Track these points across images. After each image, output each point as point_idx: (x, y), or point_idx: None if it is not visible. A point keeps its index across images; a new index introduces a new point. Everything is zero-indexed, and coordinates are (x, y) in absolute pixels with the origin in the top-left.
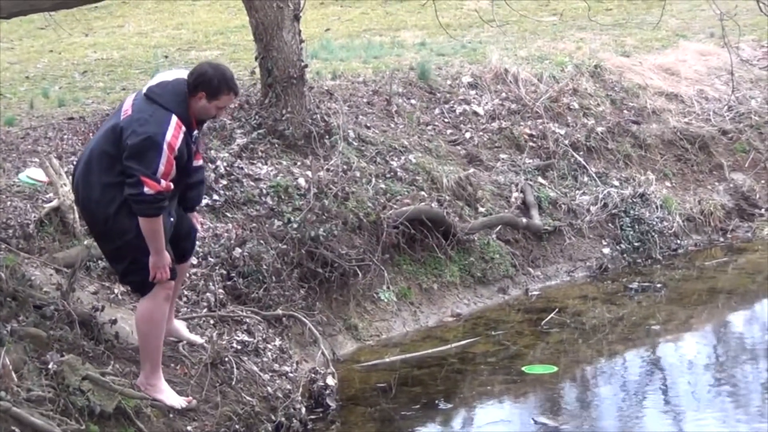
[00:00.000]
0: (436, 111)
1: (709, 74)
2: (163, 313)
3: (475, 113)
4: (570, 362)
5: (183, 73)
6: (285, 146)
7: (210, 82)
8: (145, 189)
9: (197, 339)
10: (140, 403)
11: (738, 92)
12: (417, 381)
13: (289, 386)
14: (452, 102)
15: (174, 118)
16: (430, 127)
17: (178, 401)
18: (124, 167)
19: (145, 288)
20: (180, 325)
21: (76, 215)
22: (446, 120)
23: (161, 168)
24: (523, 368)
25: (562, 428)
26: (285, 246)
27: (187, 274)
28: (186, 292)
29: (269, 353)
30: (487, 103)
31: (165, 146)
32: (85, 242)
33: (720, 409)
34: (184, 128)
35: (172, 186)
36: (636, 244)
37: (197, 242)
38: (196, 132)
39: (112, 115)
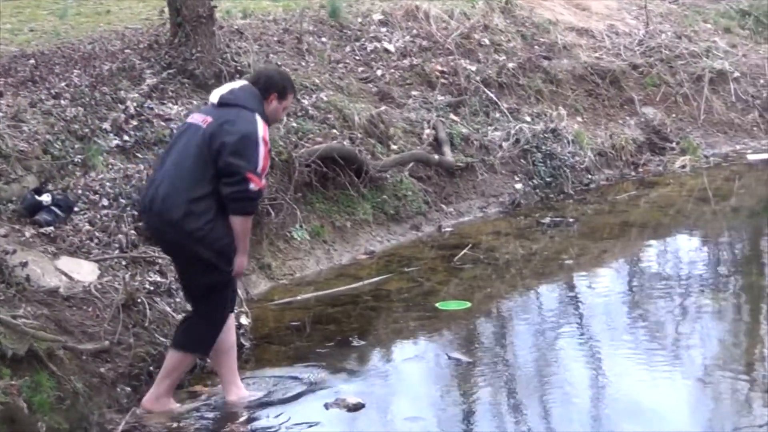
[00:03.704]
0: (347, 49)
1: (620, 9)
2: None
3: (386, 50)
4: (483, 298)
5: (242, 82)
6: (195, 86)
7: (278, 84)
8: (251, 186)
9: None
10: (52, 346)
11: (648, 26)
12: (331, 319)
13: None
14: (363, 40)
15: (258, 117)
16: (341, 65)
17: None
18: (222, 166)
19: (217, 313)
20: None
21: None
22: (357, 58)
23: (261, 163)
24: (436, 304)
25: (476, 363)
26: None
27: (98, 216)
28: (97, 234)
29: (182, 293)
30: (398, 40)
31: (261, 141)
32: None
33: (634, 341)
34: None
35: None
36: (548, 179)
37: (108, 183)
38: None
39: (182, 139)
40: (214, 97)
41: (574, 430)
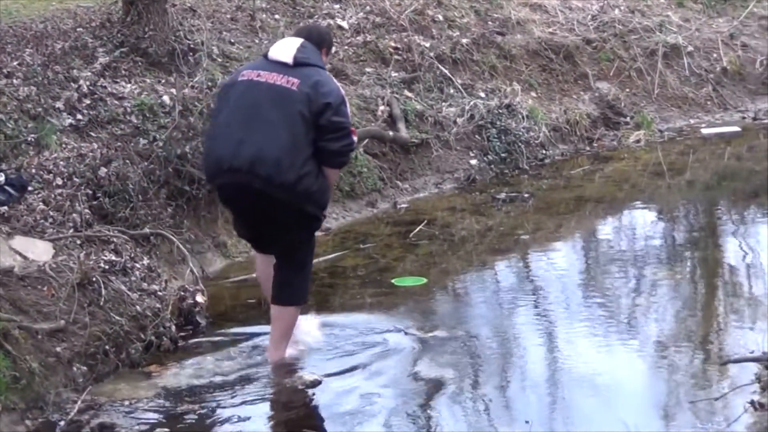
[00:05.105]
0: (301, 26)
1: None
2: None
3: (340, 27)
4: (439, 274)
5: (298, 39)
6: (148, 64)
7: (327, 39)
8: (354, 138)
9: None
10: (7, 326)
11: (601, 1)
12: None
13: (158, 305)
14: (316, 16)
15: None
16: None
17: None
18: (327, 124)
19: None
20: None
21: None
22: None
23: (350, 117)
24: (393, 281)
25: (432, 339)
26: (151, 165)
27: (53, 195)
28: (51, 213)
29: (137, 272)
30: (351, 16)
31: (346, 98)
32: None
33: (590, 315)
34: None
35: None
36: (503, 154)
37: (62, 162)
38: None
39: (264, 99)
40: (283, 55)
41: (531, 403)
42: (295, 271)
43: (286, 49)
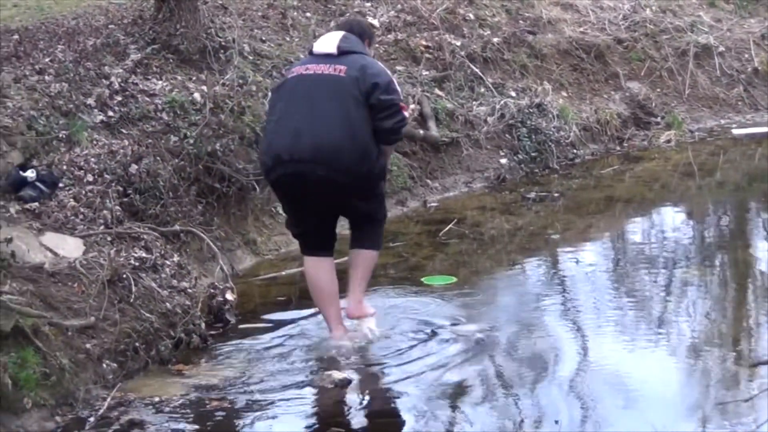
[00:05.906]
0: (332, 24)
1: None
2: None
3: (371, 25)
4: (469, 273)
5: (339, 32)
6: (180, 61)
7: (367, 31)
8: (406, 113)
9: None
10: (38, 322)
11: (633, 1)
12: None
13: (188, 302)
14: (348, 14)
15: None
16: None
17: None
18: (378, 103)
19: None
20: None
21: None
22: None
23: (401, 94)
24: (422, 279)
25: (462, 338)
26: (182, 162)
27: (83, 192)
28: (82, 210)
29: (167, 269)
30: (382, 15)
31: (393, 77)
32: None
33: (620, 316)
34: None
35: None
36: (533, 154)
37: (93, 159)
38: None
39: (317, 89)
40: (327, 47)
41: (558, 404)
42: (372, 224)
43: (329, 41)
